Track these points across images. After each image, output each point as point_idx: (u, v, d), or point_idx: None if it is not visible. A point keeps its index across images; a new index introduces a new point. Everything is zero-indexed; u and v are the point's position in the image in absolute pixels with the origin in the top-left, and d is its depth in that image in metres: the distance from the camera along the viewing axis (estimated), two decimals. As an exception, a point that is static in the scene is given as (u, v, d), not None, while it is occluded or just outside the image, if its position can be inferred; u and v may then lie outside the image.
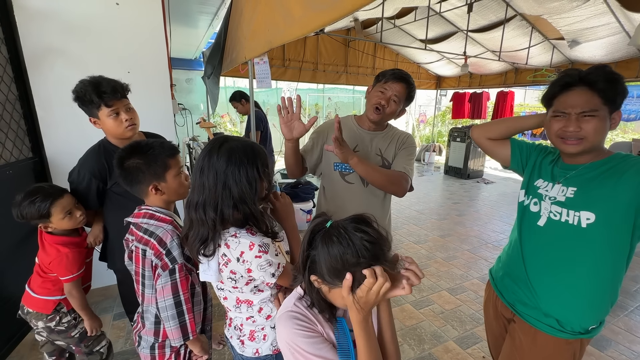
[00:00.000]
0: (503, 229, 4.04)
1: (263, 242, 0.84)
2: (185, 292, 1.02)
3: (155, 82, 2.30)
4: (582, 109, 0.90)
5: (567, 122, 0.92)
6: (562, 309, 1.00)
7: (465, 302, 2.49)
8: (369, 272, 0.62)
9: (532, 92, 13.10)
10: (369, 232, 0.65)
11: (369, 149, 1.45)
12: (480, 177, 6.87)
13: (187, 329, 1.02)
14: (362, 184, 1.44)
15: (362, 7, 1.07)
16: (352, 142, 1.43)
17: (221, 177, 0.82)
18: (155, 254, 1.00)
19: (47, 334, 1.42)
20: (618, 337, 2.14)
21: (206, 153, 0.85)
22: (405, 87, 1.35)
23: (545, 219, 1.02)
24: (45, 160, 2.13)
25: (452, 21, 4.81)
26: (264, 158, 0.88)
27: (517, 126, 1.16)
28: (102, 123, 1.39)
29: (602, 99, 0.88)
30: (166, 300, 0.99)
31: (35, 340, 1.95)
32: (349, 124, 1.49)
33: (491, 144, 1.20)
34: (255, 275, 0.86)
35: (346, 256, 0.63)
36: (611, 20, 3.53)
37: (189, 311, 1.02)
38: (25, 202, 1.26)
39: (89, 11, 2.05)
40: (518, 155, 1.15)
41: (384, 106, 1.35)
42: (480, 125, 1.24)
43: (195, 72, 6.75)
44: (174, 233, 1.04)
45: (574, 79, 0.92)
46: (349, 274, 0.62)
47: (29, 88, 2.01)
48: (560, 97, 0.95)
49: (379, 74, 1.41)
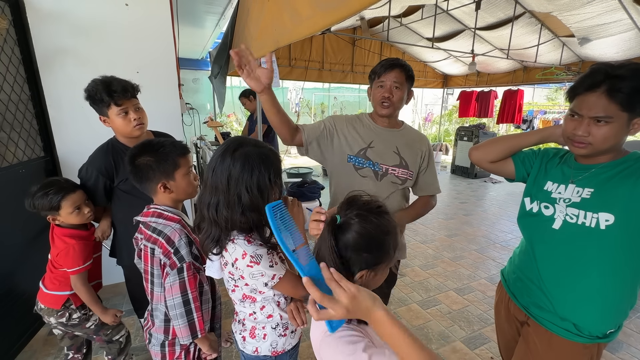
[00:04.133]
0: (511, 228, 3.99)
1: (256, 252, 0.84)
2: (194, 290, 1.02)
3: (164, 81, 2.33)
4: (595, 114, 0.86)
5: (579, 125, 0.90)
6: (579, 313, 0.98)
7: (472, 302, 2.47)
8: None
9: (540, 91, 12.90)
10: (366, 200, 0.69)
11: (386, 145, 1.42)
12: (487, 176, 6.79)
13: (195, 327, 1.03)
14: (375, 179, 1.40)
15: (370, 5, 1.06)
16: (367, 138, 1.41)
17: (233, 182, 0.82)
18: (164, 252, 1.01)
19: (64, 328, 1.46)
20: (630, 340, 2.10)
21: (220, 154, 0.84)
22: (400, 70, 1.34)
23: (560, 221, 0.99)
24: (57, 159, 2.17)
25: (459, 19, 4.76)
26: (278, 166, 0.88)
27: (517, 145, 1.12)
28: (112, 121, 1.42)
29: (622, 105, 0.83)
30: (174, 298, 1.00)
31: (47, 335, 2.01)
32: (363, 121, 1.47)
33: (493, 166, 1.16)
34: (248, 282, 0.87)
35: (380, 227, 0.65)
36: (623, 16, 3.45)
37: (197, 309, 1.03)
38: (39, 193, 1.31)
39: (99, 12, 2.08)
40: (522, 169, 1.12)
41: (390, 97, 1.35)
42: (478, 148, 1.19)
43: (202, 72, 6.81)
44: (182, 232, 1.05)
45: (597, 79, 0.85)
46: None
47: (40, 88, 2.05)
48: (580, 96, 0.90)
49: (370, 73, 1.41)
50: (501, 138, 1.16)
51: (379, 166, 1.38)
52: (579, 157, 1.01)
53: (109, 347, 1.59)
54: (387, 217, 0.67)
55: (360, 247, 0.64)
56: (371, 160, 1.39)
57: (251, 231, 0.88)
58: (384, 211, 0.68)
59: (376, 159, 1.39)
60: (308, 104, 9.66)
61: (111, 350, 1.60)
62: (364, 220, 0.64)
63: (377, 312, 0.57)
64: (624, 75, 0.82)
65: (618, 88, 0.82)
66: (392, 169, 1.39)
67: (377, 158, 1.39)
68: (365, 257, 0.65)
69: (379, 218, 0.66)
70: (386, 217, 0.67)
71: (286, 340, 0.99)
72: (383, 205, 0.69)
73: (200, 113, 4.55)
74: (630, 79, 0.82)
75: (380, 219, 0.66)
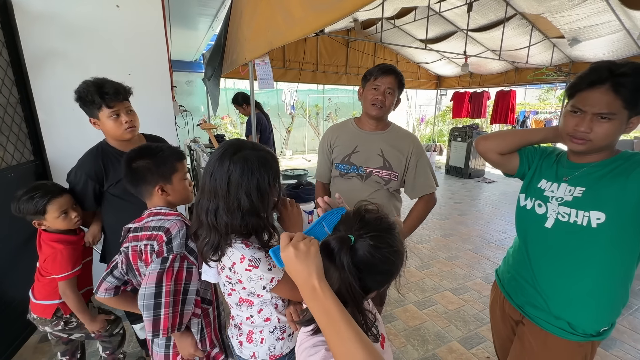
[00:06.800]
0: (505, 228, 4.03)
1: (254, 256, 0.83)
2: (169, 284, 0.95)
3: (156, 84, 2.30)
4: (599, 110, 0.86)
5: (581, 121, 0.89)
6: (573, 312, 0.99)
7: (468, 302, 2.48)
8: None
9: (532, 91, 13.10)
10: (376, 214, 0.65)
11: (370, 148, 1.47)
12: (481, 176, 6.86)
13: (158, 324, 0.93)
14: (360, 180, 1.49)
15: (363, 7, 1.07)
16: (351, 143, 1.50)
17: (234, 186, 0.80)
18: (159, 242, 0.99)
19: (62, 333, 1.43)
20: (623, 336, 2.12)
21: (218, 158, 0.82)
22: (394, 77, 1.40)
23: (552, 220, 1.00)
24: (47, 163, 2.13)
25: (452, 21, 4.80)
26: (277, 169, 0.87)
27: (527, 139, 1.12)
28: (102, 124, 1.39)
29: (625, 102, 0.84)
30: (147, 287, 0.93)
31: (38, 343, 1.96)
32: (348, 127, 1.56)
33: (501, 158, 1.15)
34: (246, 285, 0.86)
35: (393, 247, 0.62)
36: (612, 18, 3.51)
37: (166, 305, 0.94)
38: (25, 197, 1.28)
39: (90, 14, 2.05)
40: (526, 164, 1.12)
41: (382, 100, 1.40)
42: (488, 139, 1.16)
43: (195, 74, 6.77)
44: (182, 224, 1.03)
45: (603, 76, 0.86)
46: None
47: (30, 91, 2.01)
48: (582, 92, 0.90)
49: (365, 74, 1.46)
50: (511, 131, 1.16)
51: (363, 169, 1.47)
52: (572, 155, 1.02)
53: (109, 340, 1.56)
54: (398, 237, 0.65)
55: (374, 269, 0.62)
56: (355, 165, 1.48)
57: (249, 236, 0.87)
58: (394, 228, 0.65)
59: (360, 163, 1.48)
60: (302, 105, 9.66)
61: (112, 343, 1.57)
62: (380, 241, 0.61)
63: (315, 280, 0.55)
64: (627, 73, 0.83)
65: (623, 83, 0.83)
66: (376, 170, 1.46)
67: (361, 162, 1.48)
68: (377, 278, 0.63)
69: (392, 238, 0.63)
70: (397, 237, 0.64)
71: (284, 344, 0.98)
72: (393, 222, 0.67)
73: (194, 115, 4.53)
74: (633, 75, 0.83)
75: (394, 239, 0.63)
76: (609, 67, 0.86)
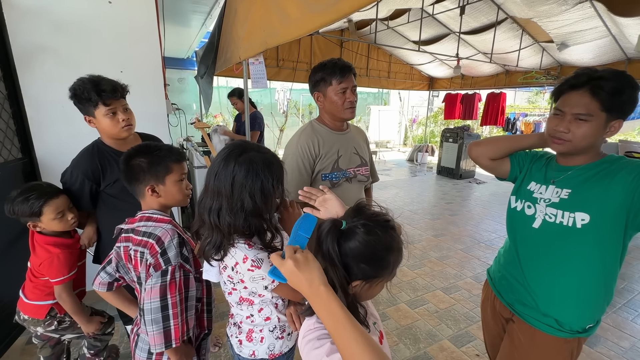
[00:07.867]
0: (495, 228, 4.10)
1: (257, 257, 0.84)
2: (174, 295, 0.97)
3: (149, 81, 2.27)
4: (577, 111, 0.91)
5: (560, 122, 0.95)
6: (560, 309, 1.02)
7: (459, 301, 2.52)
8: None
9: (522, 94, 13.33)
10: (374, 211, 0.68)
11: (347, 149, 1.44)
12: (472, 177, 6.96)
13: (170, 336, 0.96)
14: (349, 183, 1.46)
15: (359, 9, 1.07)
16: (334, 148, 1.40)
17: (238, 187, 0.81)
18: (151, 253, 0.98)
19: (53, 334, 1.41)
20: (607, 334, 2.19)
21: (223, 158, 0.83)
22: (353, 73, 1.35)
23: (540, 221, 1.03)
24: (35, 161, 2.08)
25: (444, 23, 4.86)
26: (280, 171, 0.87)
27: (518, 145, 1.15)
28: (98, 122, 1.37)
29: (602, 105, 0.88)
30: (152, 302, 0.95)
31: (25, 345, 1.92)
32: (321, 133, 1.40)
33: (492, 163, 1.19)
34: (248, 285, 0.87)
35: (383, 241, 0.64)
36: (598, 24, 3.61)
37: (175, 316, 0.96)
38: (20, 198, 1.24)
39: (81, 9, 2.01)
40: (517, 168, 1.16)
41: (355, 101, 1.38)
42: (480, 145, 1.19)
43: (187, 72, 6.69)
44: (174, 232, 1.02)
45: (581, 80, 0.91)
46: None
47: (18, 87, 1.96)
48: (565, 94, 0.96)
49: (319, 78, 1.35)
50: (502, 137, 1.20)
51: (349, 172, 1.44)
52: (559, 158, 1.06)
53: (100, 339, 1.54)
54: (393, 234, 0.67)
55: (360, 257, 0.64)
56: (342, 169, 1.42)
57: (252, 236, 0.87)
58: (390, 226, 0.67)
59: (345, 166, 1.42)
60: (296, 104, 9.65)
61: (102, 342, 1.55)
62: (369, 231, 0.63)
63: (320, 286, 0.58)
64: (606, 77, 0.88)
65: (600, 86, 0.88)
66: (357, 169, 1.45)
67: (345, 164, 1.43)
68: (363, 267, 0.64)
69: (384, 232, 0.65)
70: (392, 233, 0.66)
71: (283, 343, 0.99)
72: (391, 220, 0.68)
73: (187, 113, 4.48)
74: (611, 80, 0.88)
75: (386, 234, 0.65)
76: (589, 72, 0.91)
